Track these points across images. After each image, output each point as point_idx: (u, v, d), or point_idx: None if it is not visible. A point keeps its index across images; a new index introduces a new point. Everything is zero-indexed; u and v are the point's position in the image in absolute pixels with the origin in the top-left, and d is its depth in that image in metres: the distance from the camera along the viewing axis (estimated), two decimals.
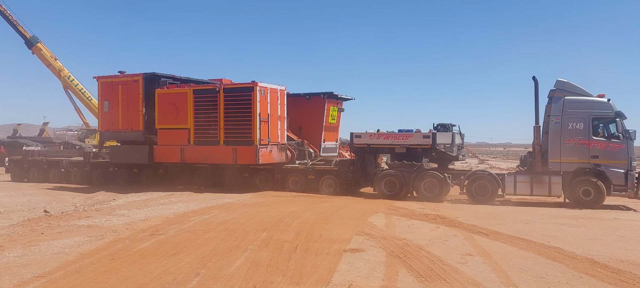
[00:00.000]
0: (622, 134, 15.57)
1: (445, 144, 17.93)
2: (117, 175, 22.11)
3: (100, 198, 16.76)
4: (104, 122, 21.50)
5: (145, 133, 20.29)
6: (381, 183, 17.69)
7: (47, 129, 52.49)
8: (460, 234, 10.72)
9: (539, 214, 13.92)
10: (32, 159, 25.29)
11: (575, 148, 15.79)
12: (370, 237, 10.20)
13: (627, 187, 15.41)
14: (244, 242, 9.59)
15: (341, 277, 7.43)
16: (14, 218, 12.77)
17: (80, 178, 23.18)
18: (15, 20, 37.29)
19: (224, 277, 7.34)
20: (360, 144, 18.27)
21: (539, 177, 16.07)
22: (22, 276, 7.31)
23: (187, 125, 19.31)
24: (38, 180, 24.14)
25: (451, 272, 7.73)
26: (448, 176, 17.07)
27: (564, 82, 16.25)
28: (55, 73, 36.72)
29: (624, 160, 15.51)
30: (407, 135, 17.73)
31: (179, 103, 19.45)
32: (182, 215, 12.96)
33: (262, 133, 18.17)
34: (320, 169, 19.03)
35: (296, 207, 14.47)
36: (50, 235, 10.17)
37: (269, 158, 18.71)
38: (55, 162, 24.36)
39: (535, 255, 8.86)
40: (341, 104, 22.66)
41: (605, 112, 15.75)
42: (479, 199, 16.40)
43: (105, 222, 11.77)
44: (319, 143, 21.47)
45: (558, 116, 15.97)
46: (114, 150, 22.15)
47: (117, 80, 20.96)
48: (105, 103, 21.19)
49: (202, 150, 19.17)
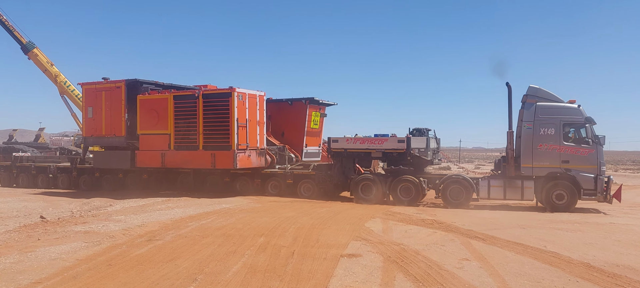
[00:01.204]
0: (592, 139, 15.91)
1: (419, 148, 18.14)
2: (103, 180, 22.48)
3: (96, 204, 16.72)
4: (88, 128, 21.87)
5: (127, 138, 20.61)
6: (358, 188, 17.86)
7: (43, 135, 52.30)
8: (457, 239, 10.75)
9: (535, 219, 13.97)
10: (20, 165, 25.44)
11: (546, 153, 16.09)
12: (368, 242, 10.22)
13: (596, 191, 15.71)
14: (241, 247, 9.59)
15: (338, 282, 7.44)
16: (10, 224, 12.70)
17: (67, 184, 23.44)
18: (11, 26, 37.19)
19: (222, 282, 7.34)
20: (337, 149, 18.51)
21: (512, 181, 16.36)
22: (18, 282, 7.29)
23: (168, 130, 19.62)
24: (27, 186, 24.30)
25: (448, 277, 7.75)
26: (424, 180, 17.30)
27: (536, 88, 16.55)
28: (52, 78, 36.58)
29: (593, 165, 15.81)
30: (382, 139, 17.94)
31: (159, 109, 19.75)
32: (179, 220, 12.95)
33: (239, 138, 18.44)
34: (299, 174, 19.32)
35: (293, 212, 14.48)
36: (47, 241, 10.15)
37: (247, 163, 18.97)
38: (43, 167, 24.55)
39: (532, 260, 8.89)
40: (324, 109, 22.89)
41: (575, 117, 16.07)
42: (454, 203, 16.65)
43: (102, 227, 11.75)
44: (300, 148, 21.72)
45: (530, 122, 16.28)
46: (97, 156, 22.50)
47: (101, 86, 21.34)
48: (89, 109, 21.58)
49: (182, 155, 19.48)
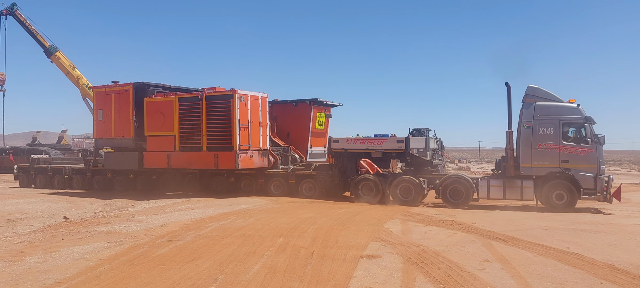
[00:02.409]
0: (591, 139, 15.79)
1: (418, 148, 18.31)
2: (115, 181, 23.11)
3: (118, 205, 16.96)
4: (98, 130, 22.44)
5: (135, 140, 21.08)
6: (358, 188, 17.99)
7: (65, 137, 53.18)
8: (478, 240, 10.65)
9: (558, 220, 13.77)
10: (38, 166, 26.31)
11: (545, 153, 16.06)
12: (387, 243, 10.18)
13: (596, 191, 15.62)
14: (260, 248, 9.63)
15: (358, 283, 7.42)
16: (35, 224, 12.95)
17: (81, 185, 24.17)
18: (34, 30, 38.03)
19: (242, 282, 7.38)
20: (338, 149, 18.70)
21: (511, 181, 16.37)
22: (43, 282, 7.42)
23: (173, 132, 20.00)
24: (43, 186, 25.12)
25: (469, 278, 7.67)
26: (423, 180, 17.30)
27: (534, 88, 16.51)
28: (74, 81, 37.28)
29: (593, 164, 15.73)
30: (382, 140, 18.06)
31: (165, 111, 20.17)
32: (199, 221, 13.06)
33: (241, 139, 18.70)
34: (300, 174, 19.56)
35: (312, 213, 14.49)
36: (71, 241, 10.32)
37: (250, 164, 19.23)
38: (59, 169, 25.35)
39: (555, 262, 8.76)
40: (329, 110, 23.10)
41: (574, 117, 16.03)
42: (454, 203, 16.66)
43: (124, 228, 11.91)
44: (305, 148, 21.93)
45: (529, 121, 16.27)
46: (107, 157, 22.97)
47: (110, 89, 21.96)
48: (100, 112, 22.11)
49: (187, 156, 19.84)
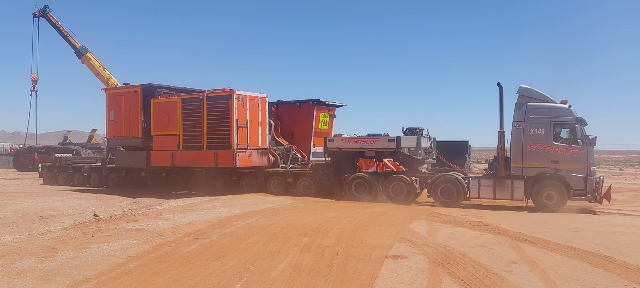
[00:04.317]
0: (582, 140, 15.65)
1: (409, 147, 18.54)
2: (128, 179, 24.20)
3: (146, 203, 17.27)
4: (110, 130, 23.43)
5: (143, 139, 21.97)
6: (351, 186, 18.40)
7: (95, 136, 54.28)
8: (505, 242, 10.49)
9: (588, 222, 13.48)
10: (60, 165, 27.95)
11: (536, 153, 16.07)
12: (412, 244, 10.11)
13: (586, 192, 15.54)
14: (285, 247, 9.68)
15: (383, 283, 7.38)
16: (66, 221, 13.28)
17: (98, 182, 25.47)
18: (66, 32, 38.97)
19: (267, 281, 7.42)
20: (333, 148, 19.26)
21: (502, 181, 16.41)
22: (74, 277, 7.59)
23: (177, 131, 20.66)
24: (65, 184, 26.69)
25: (497, 280, 7.56)
26: (415, 179, 17.56)
27: (526, 89, 16.50)
28: (104, 81, 38.03)
29: (583, 165, 15.67)
30: (374, 139, 18.51)
31: (170, 111, 20.84)
32: (224, 219, 13.20)
33: (239, 138, 19.18)
34: (298, 172, 20.13)
35: (336, 213, 14.50)
36: (100, 238, 10.54)
37: (248, 162, 19.71)
38: (79, 167, 27.04)
39: (585, 264, 8.57)
40: (333, 110, 23.46)
41: (566, 118, 16.00)
42: (445, 202, 16.82)
43: (151, 225, 12.11)
44: (308, 148, 22.36)
45: (521, 122, 16.25)
46: (118, 156, 24.00)
47: (121, 91, 23.33)
48: (111, 112, 23.06)
49: (189, 154, 20.46)
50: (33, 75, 44.69)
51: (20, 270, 7.95)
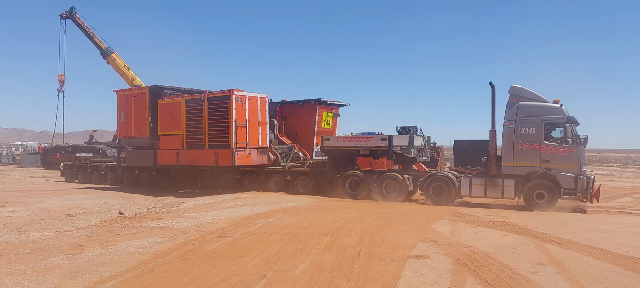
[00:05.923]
0: (573, 139, 15.54)
1: (402, 145, 18.66)
2: (141, 177, 24.96)
3: (169, 201, 17.47)
4: (121, 130, 24.22)
5: (151, 139, 22.58)
6: (345, 184, 18.77)
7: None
8: (530, 242, 10.33)
9: (615, 222, 13.19)
10: (79, 164, 29.46)
11: (527, 153, 16.07)
12: (435, 244, 10.03)
13: (576, 191, 15.52)
14: (307, 246, 9.70)
15: (406, 283, 7.34)
16: (92, 219, 13.51)
17: (113, 180, 26.46)
18: (91, 33, 39.67)
19: (290, 279, 7.44)
20: (329, 147, 19.60)
21: (493, 179, 16.44)
22: (100, 274, 7.73)
23: (181, 131, 21.10)
24: (84, 181, 27.94)
25: (522, 281, 7.45)
26: (408, 178, 17.77)
27: (518, 88, 16.45)
28: (128, 81, 38.63)
29: (574, 164, 15.62)
30: (367, 137, 18.75)
31: (174, 111, 21.31)
32: (247, 218, 13.28)
33: (238, 137, 19.42)
34: (296, 171, 20.53)
35: (358, 212, 14.47)
36: (126, 236, 10.71)
37: (247, 161, 19.95)
38: (96, 166, 28.11)
39: (613, 266, 8.39)
40: (337, 109, 23.65)
41: (557, 117, 15.94)
42: (437, 200, 16.95)
43: (175, 224, 12.26)
44: (311, 147, 22.62)
45: (512, 121, 16.22)
46: (128, 155, 24.68)
47: (130, 92, 24.26)
48: (122, 113, 23.77)
49: (192, 153, 20.88)
50: (60, 75, 45.58)
51: (49, 267, 8.13)
